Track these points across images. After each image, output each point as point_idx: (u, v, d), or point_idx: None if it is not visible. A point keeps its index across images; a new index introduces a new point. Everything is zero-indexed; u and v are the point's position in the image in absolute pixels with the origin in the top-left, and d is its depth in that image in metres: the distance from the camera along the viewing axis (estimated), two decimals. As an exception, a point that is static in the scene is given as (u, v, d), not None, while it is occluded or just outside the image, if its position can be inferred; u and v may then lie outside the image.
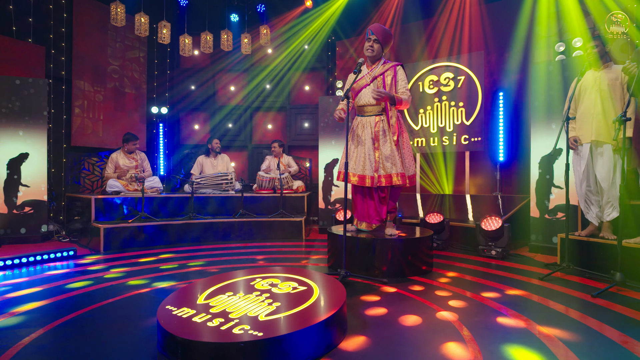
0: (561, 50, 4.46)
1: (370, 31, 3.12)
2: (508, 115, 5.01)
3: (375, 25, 3.16)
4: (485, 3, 5.25)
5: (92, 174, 5.30)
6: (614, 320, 2.09)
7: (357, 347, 1.75)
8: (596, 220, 3.20)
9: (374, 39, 3.11)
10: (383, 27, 3.16)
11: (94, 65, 6.05)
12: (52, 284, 2.84)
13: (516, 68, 5.06)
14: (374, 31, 3.11)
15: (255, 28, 6.50)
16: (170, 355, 1.62)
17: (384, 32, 3.14)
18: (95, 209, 4.36)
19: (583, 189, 3.22)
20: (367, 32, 3.15)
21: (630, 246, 2.79)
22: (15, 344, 1.79)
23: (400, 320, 2.09)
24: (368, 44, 3.13)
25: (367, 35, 3.15)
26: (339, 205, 5.47)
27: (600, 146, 3.12)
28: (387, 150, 3.08)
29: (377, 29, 3.12)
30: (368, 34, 3.14)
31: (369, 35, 3.13)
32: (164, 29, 5.53)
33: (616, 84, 3.10)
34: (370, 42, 3.12)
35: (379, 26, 3.14)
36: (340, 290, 2.04)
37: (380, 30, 3.12)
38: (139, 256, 3.79)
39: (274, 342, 1.53)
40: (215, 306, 1.85)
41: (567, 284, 2.80)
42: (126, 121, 6.45)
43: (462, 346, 1.76)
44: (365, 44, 3.16)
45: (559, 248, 3.37)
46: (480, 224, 3.75)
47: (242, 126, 7.09)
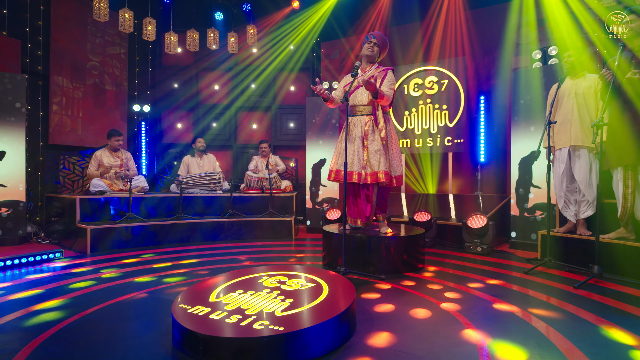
0: (538, 57, 4.72)
1: (372, 35, 3.34)
2: (488, 118, 5.26)
3: (376, 32, 3.40)
4: (470, 9, 5.47)
5: (72, 174, 5.12)
6: (592, 306, 2.30)
7: (370, 339, 1.83)
8: (574, 218, 3.44)
9: (374, 42, 3.32)
10: (383, 35, 3.40)
11: (73, 61, 5.84)
12: (46, 286, 2.75)
13: (496, 73, 5.32)
14: (375, 36, 3.33)
15: (240, 27, 6.47)
16: (190, 352, 1.64)
17: (383, 39, 3.37)
18: (80, 210, 4.23)
19: (562, 189, 3.46)
20: (369, 36, 3.34)
21: (606, 241, 3.03)
22: (24, 346, 1.75)
23: (405, 312, 2.19)
24: (369, 45, 3.32)
25: (368, 38, 3.34)
26: (327, 204, 5.55)
27: (577, 150, 3.36)
28: (374, 147, 3.20)
29: (378, 35, 3.35)
30: (369, 38, 3.33)
31: (370, 38, 3.33)
32: (149, 26, 5.42)
33: (590, 92, 3.34)
34: (371, 44, 3.32)
35: (379, 33, 3.39)
36: (348, 285, 2.11)
37: (380, 36, 3.36)
38: (129, 257, 3.72)
39: (295, 336, 1.59)
40: (229, 304, 1.88)
41: (550, 276, 3.00)
42: (106, 119, 6.26)
43: (473, 330, 1.87)
44: (365, 45, 3.34)
45: (540, 244, 3.60)
46: (466, 222, 3.93)
47: (226, 125, 7.03)
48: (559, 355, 1.67)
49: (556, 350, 1.72)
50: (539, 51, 4.70)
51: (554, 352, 1.69)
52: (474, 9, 5.47)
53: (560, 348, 1.73)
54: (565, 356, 1.66)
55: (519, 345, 1.76)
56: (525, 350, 1.72)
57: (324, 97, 3.14)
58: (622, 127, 2.96)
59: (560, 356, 1.66)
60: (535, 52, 4.76)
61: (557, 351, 1.70)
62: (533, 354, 1.67)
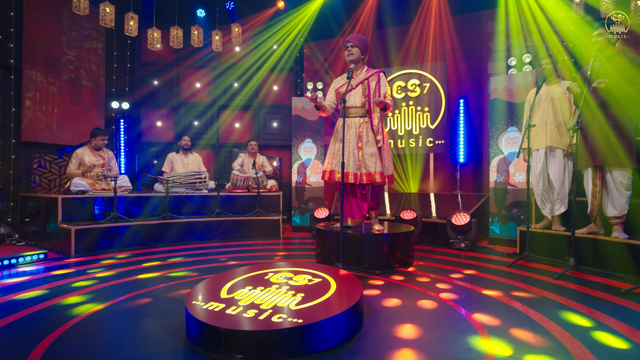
0: (513, 64, 5.03)
1: (347, 41, 3.37)
2: (468, 120, 5.52)
3: (351, 35, 3.42)
4: (452, 15, 5.70)
5: (49, 172, 4.91)
6: (568, 293, 2.53)
7: (380, 329, 1.93)
8: (550, 215, 3.71)
9: (351, 45, 3.34)
10: (358, 35, 3.43)
11: (48, 55, 5.59)
12: (41, 288, 2.67)
13: (475, 78, 5.59)
14: (350, 40, 3.36)
15: (224, 27, 6.41)
16: (210, 346, 1.67)
17: (359, 39, 3.38)
18: (63, 210, 4.08)
19: (539, 187, 3.71)
20: (345, 43, 3.39)
21: (580, 236, 3.29)
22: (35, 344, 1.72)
23: (407, 304, 2.31)
24: (347, 52, 3.36)
25: (345, 45, 3.39)
26: (312, 204, 5.62)
27: (553, 150, 3.62)
28: (369, 150, 3.31)
29: (353, 37, 3.37)
30: (346, 44, 3.37)
31: (346, 45, 3.37)
32: (131, 21, 5.29)
33: (564, 97, 3.61)
34: (348, 49, 3.35)
35: (354, 35, 3.41)
36: (354, 280, 2.21)
37: (356, 37, 3.37)
38: (118, 257, 3.64)
39: (314, 328, 1.66)
40: (242, 299, 1.93)
41: (530, 269, 3.23)
42: (83, 116, 6.04)
43: (471, 316, 2.02)
44: (345, 53, 3.39)
45: (519, 239, 3.84)
46: (451, 219, 4.13)
47: (208, 124, 6.95)
48: (565, 352, 1.83)
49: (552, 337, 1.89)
50: (514, 58, 4.99)
51: (549, 338, 1.86)
52: (455, 15, 5.71)
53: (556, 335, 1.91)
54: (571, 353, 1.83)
55: (516, 330, 1.92)
56: (522, 333, 1.87)
57: (317, 105, 3.22)
58: (591, 132, 3.23)
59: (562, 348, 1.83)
60: (510, 59, 5.05)
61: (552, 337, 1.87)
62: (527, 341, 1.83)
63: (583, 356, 1.65)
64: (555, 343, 1.78)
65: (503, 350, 1.70)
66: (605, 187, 3.23)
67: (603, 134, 3.15)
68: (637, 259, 2.94)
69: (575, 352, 1.68)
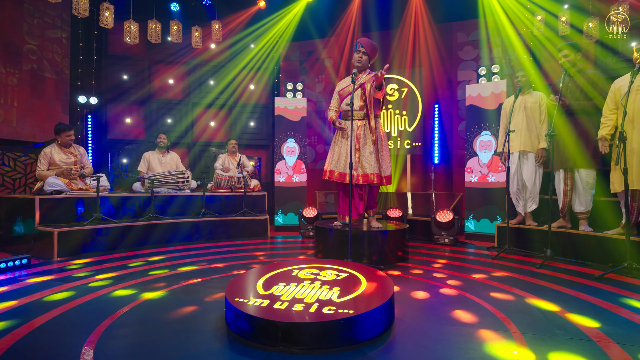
0: (483, 73, 5.47)
1: (360, 44, 3.38)
2: (442, 124, 5.90)
3: (364, 39, 3.43)
4: (429, 24, 6.03)
5: (13, 171, 4.52)
6: (547, 278, 2.87)
7: (410, 318, 2.09)
8: (523, 212, 4.11)
9: (363, 51, 3.38)
10: (371, 41, 3.47)
11: (6, 42, 5.12)
12: (35, 295, 2.50)
13: (447, 84, 5.99)
14: (363, 44, 3.38)
15: (203, 23, 6.26)
16: (266, 340, 1.72)
17: (372, 46, 3.44)
18: (40, 211, 3.79)
19: (514, 187, 4.10)
20: (357, 45, 3.40)
21: (554, 230, 3.70)
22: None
23: (413, 295, 2.49)
24: (357, 56, 3.38)
25: (356, 47, 3.41)
26: (300, 203, 5.68)
27: (526, 154, 4.02)
28: (366, 151, 3.46)
29: (366, 43, 3.40)
30: (357, 47, 3.39)
31: (358, 47, 3.38)
32: (106, 12, 5.00)
33: (535, 107, 4.03)
34: (359, 53, 3.38)
35: (367, 40, 3.43)
36: (379, 274, 2.34)
37: (369, 44, 3.42)
38: (109, 260, 3.47)
39: (364, 317, 1.77)
40: (283, 294, 1.98)
41: (511, 260, 3.58)
42: (46, 110, 5.59)
43: (481, 302, 2.24)
44: (354, 56, 3.41)
45: (497, 234, 4.21)
46: (435, 216, 4.42)
47: (182, 121, 6.73)
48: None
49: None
50: (484, 67, 5.43)
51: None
52: (432, 24, 6.05)
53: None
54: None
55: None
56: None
57: (338, 125, 3.48)
58: (562, 138, 3.66)
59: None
60: (481, 68, 5.48)
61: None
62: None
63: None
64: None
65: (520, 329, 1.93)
66: (574, 186, 3.67)
67: (572, 140, 3.58)
68: (600, 249, 3.38)
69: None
